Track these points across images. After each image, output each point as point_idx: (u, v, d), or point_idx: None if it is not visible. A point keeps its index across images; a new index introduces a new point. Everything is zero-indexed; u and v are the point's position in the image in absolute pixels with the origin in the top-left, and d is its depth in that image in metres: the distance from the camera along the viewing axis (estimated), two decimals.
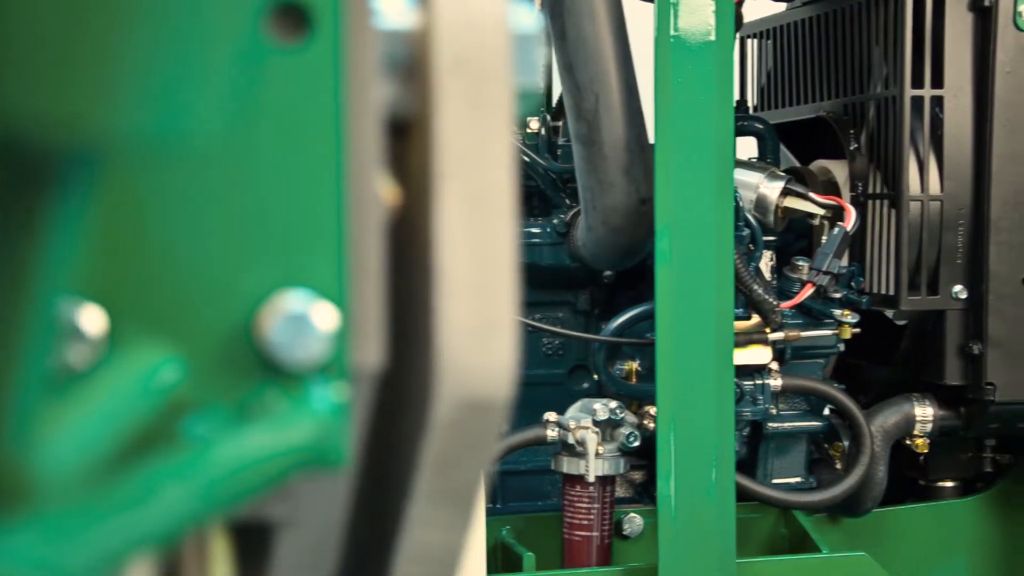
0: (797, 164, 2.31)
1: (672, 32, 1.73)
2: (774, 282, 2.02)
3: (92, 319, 0.47)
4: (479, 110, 0.56)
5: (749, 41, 2.50)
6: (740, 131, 2.26)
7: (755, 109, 2.49)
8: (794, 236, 2.16)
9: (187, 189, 0.49)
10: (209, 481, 0.45)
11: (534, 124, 2.13)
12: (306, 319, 0.49)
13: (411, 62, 0.58)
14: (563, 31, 1.80)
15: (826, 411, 2.07)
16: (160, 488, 0.44)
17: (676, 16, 1.73)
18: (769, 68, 2.45)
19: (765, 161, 2.19)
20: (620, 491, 2.11)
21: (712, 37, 1.74)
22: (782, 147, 2.40)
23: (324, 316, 0.50)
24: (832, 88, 2.18)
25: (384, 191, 0.56)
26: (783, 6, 2.41)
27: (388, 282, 0.62)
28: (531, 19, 0.61)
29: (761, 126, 2.22)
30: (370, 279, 0.52)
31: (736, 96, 2.47)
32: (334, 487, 0.57)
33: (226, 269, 0.49)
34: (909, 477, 2.22)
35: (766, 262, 2.10)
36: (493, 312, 0.57)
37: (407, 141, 0.60)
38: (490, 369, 0.57)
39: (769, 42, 2.44)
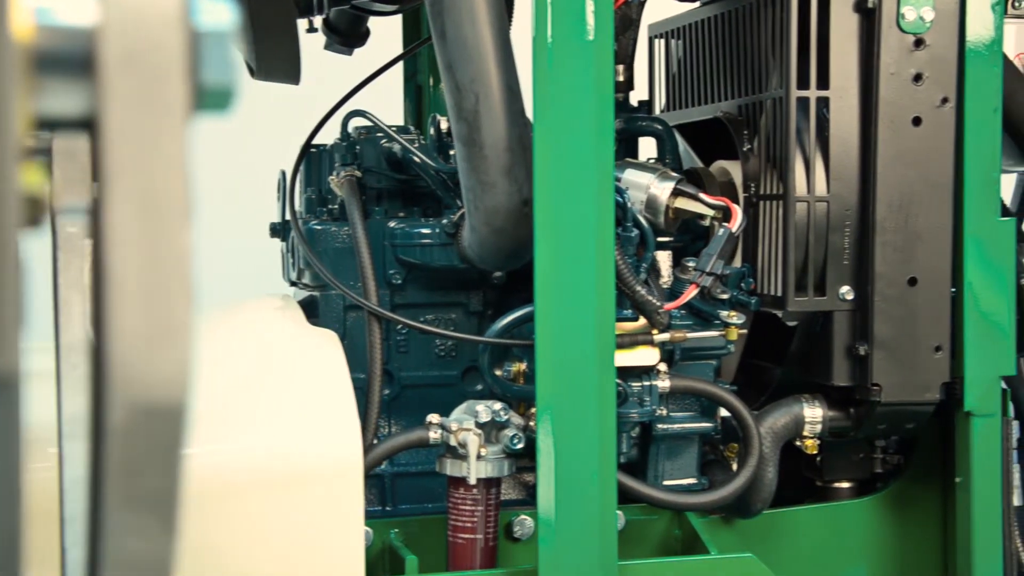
0: (700, 164, 2.30)
1: (549, 32, 1.72)
2: (667, 283, 2.02)
3: None
4: (151, 109, 0.55)
5: (656, 41, 2.50)
6: (639, 132, 2.25)
7: (664, 109, 2.49)
8: (691, 237, 2.16)
9: None
10: None
11: (444, 124, 2.12)
12: None
13: (89, 59, 0.56)
14: (443, 30, 1.79)
15: (723, 412, 2.07)
16: None
17: (553, 16, 1.72)
18: (675, 68, 2.45)
19: (663, 162, 2.19)
20: (512, 493, 2.10)
21: (590, 37, 1.73)
22: (688, 148, 2.40)
23: None
24: (729, 88, 2.18)
25: (35, 190, 0.54)
26: (691, 5, 2.40)
27: (92, 287, 0.61)
28: (223, 16, 0.59)
29: (660, 127, 2.22)
30: (8, 282, 0.50)
31: (644, 96, 2.48)
32: (7, 497, 0.56)
33: None
34: (807, 478, 2.22)
35: (666, 263, 2.09)
36: (168, 317, 0.55)
37: (96, 140, 0.58)
38: (164, 375, 0.55)
39: (676, 42, 2.44)
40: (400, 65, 2.69)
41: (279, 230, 2.26)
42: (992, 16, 1.91)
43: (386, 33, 2.66)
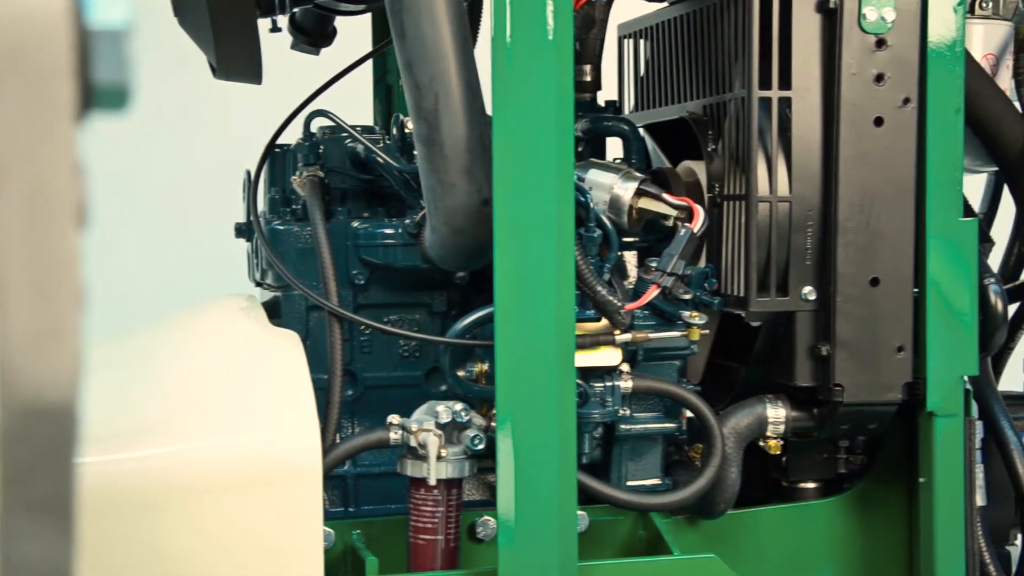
0: (667, 165, 2.30)
1: (508, 32, 1.72)
2: (630, 283, 2.01)
3: None
4: (37, 109, 0.54)
5: (625, 41, 2.50)
6: (605, 132, 2.25)
7: (633, 109, 2.49)
8: (658, 237, 2.16)
9: None
10: None
11: (408, 124, 2.11)
12: None
13: None
14: (402, 29, 1.78)
15: (688, 413, 2.06)
16: None
17: (512, 16, 1.71)
18: (644, 69, 2.44)
19: (629, 162, 2.18)
20: (476, 494, 2.09)
21: (550, 37, 1.73)
22: (657, 148, 2.40)
23: None
24: (695, 89, 2.18)
25: None
26: (659, 5, 2.40)
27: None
28: (117, 14, 0.59)
29: (626, 127, 2.22)
30: None
31: (613, 96, 2.47)
32: None
33: None
34: (774, 479, 2.22)
35: (632, 264, 2.09)
36: (55, 319, 0.55)
37: None
38: (53, 377, 0.55)
39: (644, 42, 2.43)
40: (370, 65, 2.68)
41: (244, 230, 2.26)
42: (954, 17, 1.91)
43: (356, 33, 2.65)
